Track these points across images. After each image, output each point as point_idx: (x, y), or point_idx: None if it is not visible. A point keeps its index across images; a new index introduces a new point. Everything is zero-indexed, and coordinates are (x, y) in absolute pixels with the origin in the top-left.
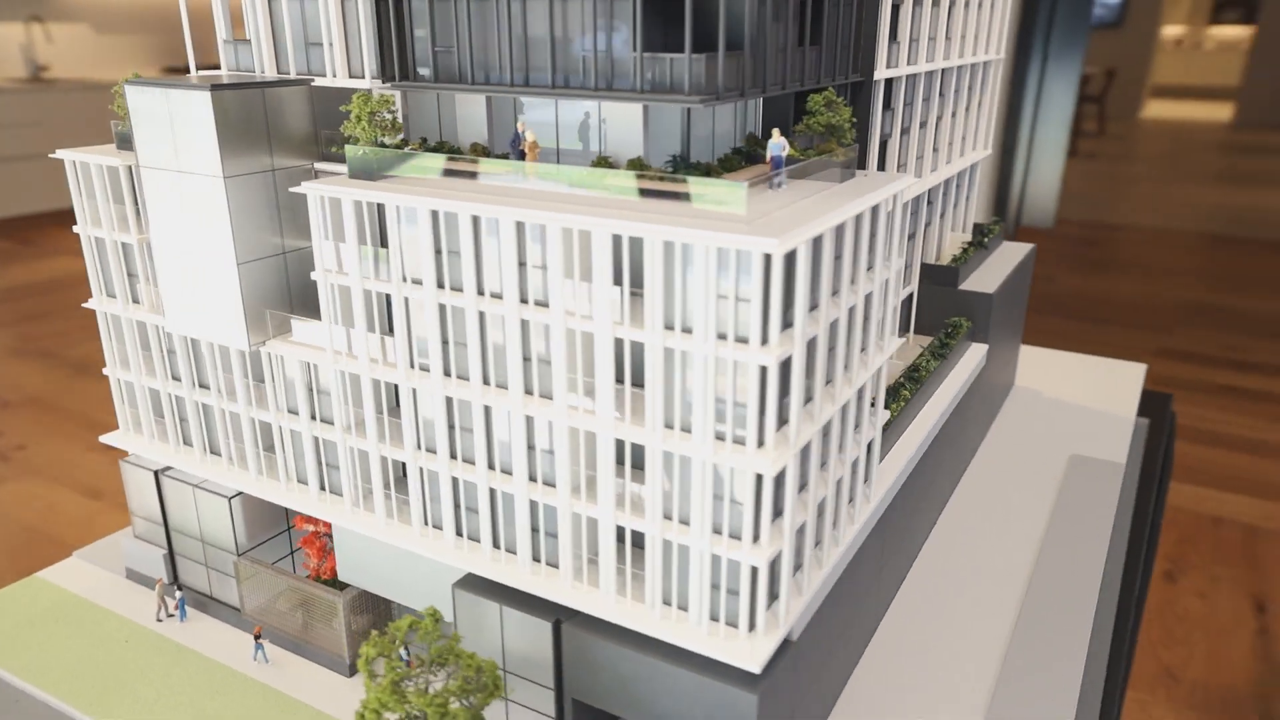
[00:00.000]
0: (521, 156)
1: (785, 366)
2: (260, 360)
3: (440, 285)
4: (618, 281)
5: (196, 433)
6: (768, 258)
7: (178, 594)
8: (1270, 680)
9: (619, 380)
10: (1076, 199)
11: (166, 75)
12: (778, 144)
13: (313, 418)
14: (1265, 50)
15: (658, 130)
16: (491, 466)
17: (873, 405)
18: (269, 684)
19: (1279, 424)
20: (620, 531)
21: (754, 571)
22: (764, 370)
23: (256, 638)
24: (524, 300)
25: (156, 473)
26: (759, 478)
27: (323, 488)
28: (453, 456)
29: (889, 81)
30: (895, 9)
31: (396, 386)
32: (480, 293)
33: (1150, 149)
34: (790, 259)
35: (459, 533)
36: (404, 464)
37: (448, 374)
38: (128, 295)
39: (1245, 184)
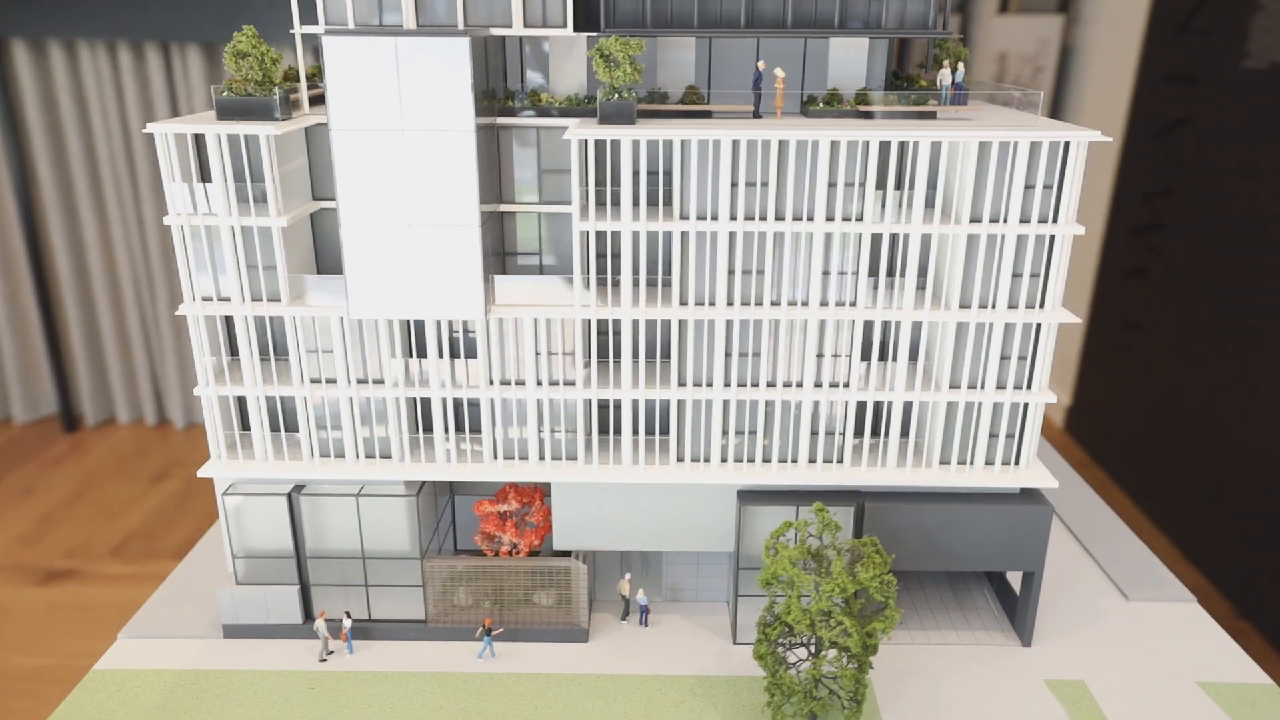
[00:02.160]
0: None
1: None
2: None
3: (740, 216)
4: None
5: (351, 435)
6: (1078, 146)
7: (346, 624)
8: None
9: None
10: None
11: None
12: (960, 72)
13: (540, 382)
14: None
15: (850, 65)
16: (788, 384)
17: None
18: (533, 671)
19: None
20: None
21: (1037, 410)
22: (1066, 241)
23: (488, 630)
24: (831, 218)
25: (290, 494)
26: (1049, 330)
27: (541, 456)
28: (739, 383)
29: None
30: None
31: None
32: (779, 217)
33: None
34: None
35: (731, 458)
36: (649, 405)
37: (745, 302)
38: (246, 292)
39: None
